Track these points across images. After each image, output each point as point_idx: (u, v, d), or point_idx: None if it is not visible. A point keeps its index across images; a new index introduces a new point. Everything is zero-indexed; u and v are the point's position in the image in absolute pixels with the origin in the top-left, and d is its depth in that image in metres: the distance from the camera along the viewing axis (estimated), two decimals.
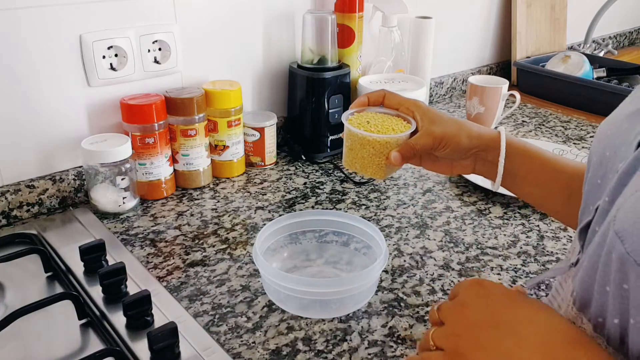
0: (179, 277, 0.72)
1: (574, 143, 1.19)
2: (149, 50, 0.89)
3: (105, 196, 0.84)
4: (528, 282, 0.50)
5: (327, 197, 0.94)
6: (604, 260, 0.35)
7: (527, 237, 0.84)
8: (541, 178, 0.61)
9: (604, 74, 1.53)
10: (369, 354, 0.61)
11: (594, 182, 0.42)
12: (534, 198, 0.63)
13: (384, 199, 0.94)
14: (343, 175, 1.02)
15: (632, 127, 0.39)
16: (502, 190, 0.94)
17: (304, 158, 1.07)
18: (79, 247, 0.70)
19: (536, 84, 1.48)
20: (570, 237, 0.84)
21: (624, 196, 0.35)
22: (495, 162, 0.61)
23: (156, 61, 0.91)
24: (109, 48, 0.85)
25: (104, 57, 0.85)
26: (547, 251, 0.81)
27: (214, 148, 0.97)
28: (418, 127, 0.62)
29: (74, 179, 0.87)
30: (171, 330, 0.57)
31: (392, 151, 0.60)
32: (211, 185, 0.97)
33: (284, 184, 0.98)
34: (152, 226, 0.84)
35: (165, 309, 0.65)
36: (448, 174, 0.66)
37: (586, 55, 1.54)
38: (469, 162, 0.63)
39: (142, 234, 0.82)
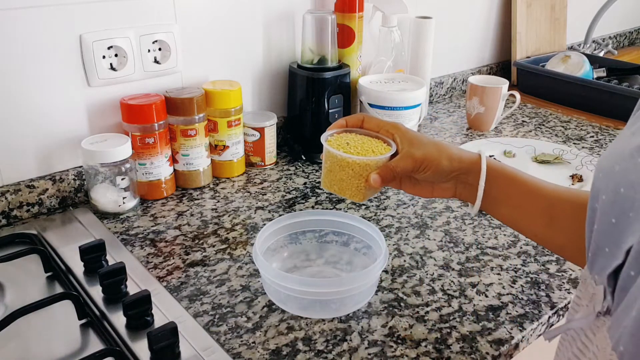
0: (179, 277, 0.72)
1: (574, 143, 1.19)
2: (149, 50, 0.89)
3: (105, 196, 0.84)
4: (547, 333, 0.47)
5: (327, 197, 0.94)
6: None
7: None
8: (521, 201, 0.60)
9: (604, 74, 1.53)
10: (369, 354, 0.61)
11: (607, 221, 0.39)
12: (514, 221, 0.62)
13: (384, 199, 0.94)
14: None
15: None
16: None
17: (304, 158, 1.07)
18: (79, 247, 0.70)
19: (536, 84, 1.48)
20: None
21: None
22: (476, 185, 0.60)
23: (156, 61, 0.91)
24: (109, 48, 0.85)
25: (104, 57, 0.85)
26: (547, 251, 0.81)
27: (214, 148, 0.97)
28: (398, 149, 0.62)
29: (74, 179, 0.87)
30: (171, 330, 0.57)
31: (371, 174, 0.60)
32: (211, 185, 0.97)
33: (284, 184, 0.98)
34: (152, 226, 0.84)
35: (165, 309, 0.65)
36: (429, 196, 0.65)
37: (586, 55, 1.54)
38: (450, 185, 0.63)
39: (142, 234, 0.82)
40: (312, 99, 1.03)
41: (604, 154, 0.43)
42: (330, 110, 1.04)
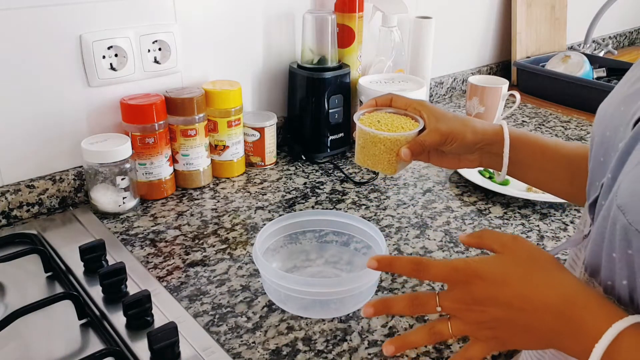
0: (179, 277, 0.72)
1: None
2: (149, 50, 0.89)
3: (105, 196, 0.84)
4: (552, 250, 0.57)
5: (327, 197, 0.94)
6: (609, 231, 0.39)
7: (527, 237, 0.84)
8: (544, 163, 0.64)
9: (604, 74, 1.53)
10: (369, 354, 0.61)
11: (598, 160, 0.45)
12: (540, 182, 0.67)
13: (384, 199, 0.94)
14: (343, 175, 1.02)
15: (628, 108, 0.42)
16: (502, 190, 0.94)
17: (304, 158, 1.07)
18: (79, 247, 0.70)
19: (536, 84, 1.48)
20: (570, 235, 0.84)
21: (623, 173, 0.39)
22: (500, 154, 0.64)
23: (156, 61, 0.91)
24: (109, 48, 0.85)
25: (104, 57, 0.85)
26: (547, 251, 0.81)
27: (214, 148, 0.97)
28: (425, 125, 0.65)
29: (74, 179, 0.87)
30: (171, 330, 0.57)
31: (402, 148, 0.63)
32: (211, 185, 0.97)
33: (284, 184, 0.98)
34: (152, 226, 0.84)
35: (165, 309, 0.65)
36: (456, 167, 0.70)
37: (586, 55, 1.54)
38: (475, 157, 0.67)
39: (142, 234, 0.82)
40: (312, 99, 1.03)
41: (604, 100, 0.48)
42: (330, 110, 1.04)
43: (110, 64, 0.86)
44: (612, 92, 0.48)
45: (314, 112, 1.04)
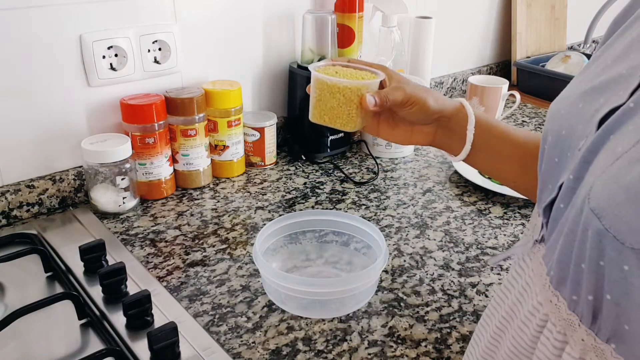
0: (179, 277, 0.72)
1: None
2: (149, 50, 0.89)
3: (105, 196, 0.84)
4: (491, 259, 0.53)
5: (327, 197, 0.94)
6: (580, 238, 0.35)
7: None
8: (498, 148, 0.61)
9: None
10: (369, 354, 0.61)
11: (551, 161, 0.43)
12: (493, 169, 0.63)
13: (384, 199, 0.94)
14: (343, 175, 1.02)
15: (587, 105, 0.40)
16: (502, 190, 0.94)
17: (304, 158, 1.07)
18: (79, 247, 0.70)
19: (536, 84, 1.48)
20: None
21: (593, 174, 0.35)
22: (456, 131, 0.61)
23: (156, 61, 0.91)
24: (109, 48, 0.85)
25: (104, 57, 0.85)
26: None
27: (214, 148, 0.97)
28: (385, 83, 0.62)
29: (74, 179, 0.87)
30: (171, 330, 0.57)
31: (366, 95, 0.58)
32: (211, 185, 0.97)
33: (284, 184, 0.98)
34: (152, 226, 0.84)
35: (165, 309, 0.65)
36: (406, 142, 0.65)
37: (586, 55, 1.54)
38: (430, 129, 0.63)
39: (142, 234, 0.82)
40: None
41: (555, 99, 0.46)
42: None
43: (110, 64, 0.86)
44: (564, 92, 0.46)
45: None
